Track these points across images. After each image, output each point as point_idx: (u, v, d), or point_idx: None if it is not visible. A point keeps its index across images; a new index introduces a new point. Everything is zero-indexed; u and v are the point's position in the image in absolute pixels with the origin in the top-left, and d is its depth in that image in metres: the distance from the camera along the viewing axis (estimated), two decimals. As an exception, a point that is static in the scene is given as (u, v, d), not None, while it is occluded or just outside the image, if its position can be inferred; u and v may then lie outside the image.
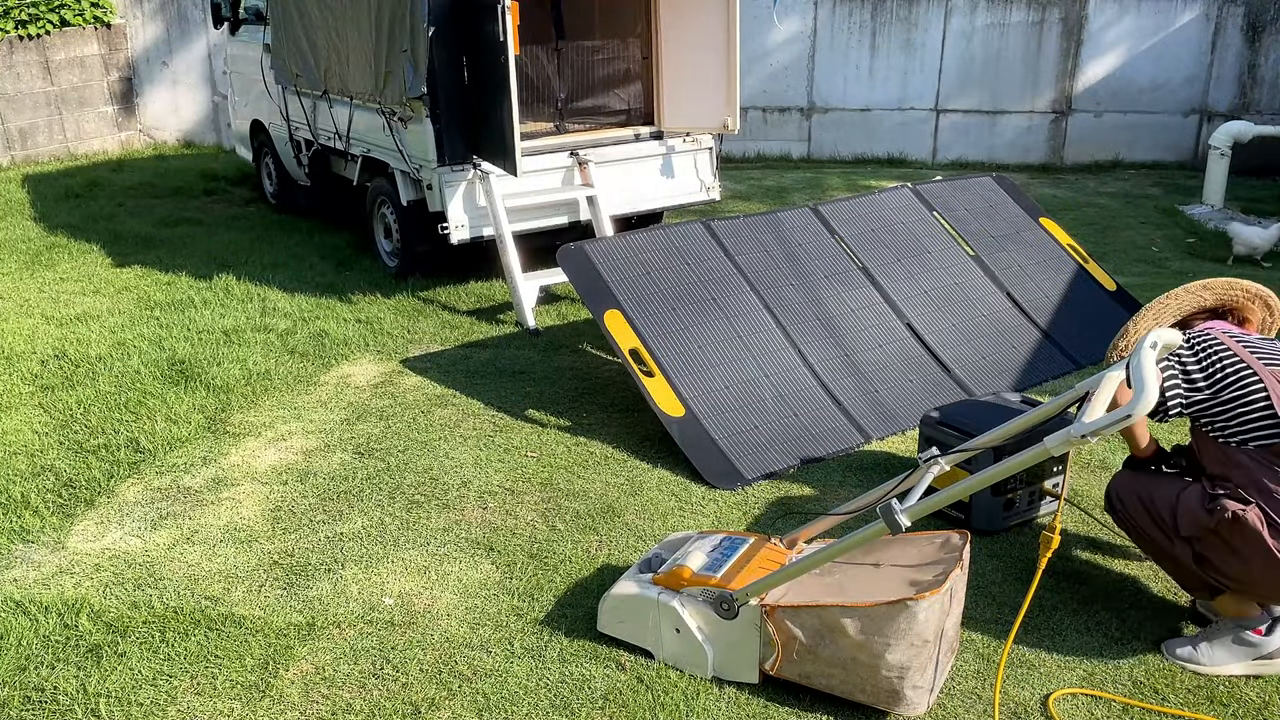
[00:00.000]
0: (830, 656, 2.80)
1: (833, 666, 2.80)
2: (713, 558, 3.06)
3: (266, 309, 6.38)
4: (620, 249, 5.05)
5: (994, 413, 3.92)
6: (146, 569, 3.62)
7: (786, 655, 2.86)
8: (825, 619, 2.77)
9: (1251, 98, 10.58)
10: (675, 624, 2.99)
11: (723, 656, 2.97)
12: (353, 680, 3.02)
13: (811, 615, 2.79)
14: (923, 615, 2.68)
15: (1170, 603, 3.36)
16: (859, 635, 2.73)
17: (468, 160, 6.26)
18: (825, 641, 2.79)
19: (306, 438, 4.67)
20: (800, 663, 2.85)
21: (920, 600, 2.67)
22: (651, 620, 3.05)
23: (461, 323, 6.22)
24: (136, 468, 4.38)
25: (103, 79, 12.10)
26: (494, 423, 4.79)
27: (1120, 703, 2.89)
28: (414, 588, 3.49)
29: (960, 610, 2.97)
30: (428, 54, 5.94)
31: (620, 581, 3.17)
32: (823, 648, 2.80)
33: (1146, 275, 6.95)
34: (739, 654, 2.94)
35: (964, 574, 2.93)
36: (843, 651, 2.77)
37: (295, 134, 8.24)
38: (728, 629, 2.92)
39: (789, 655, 2.86)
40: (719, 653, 2.97)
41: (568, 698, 2.94)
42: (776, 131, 11.69)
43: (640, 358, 4.59)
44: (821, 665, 2.82)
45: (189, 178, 10.59)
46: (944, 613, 2.76)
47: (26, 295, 6.77)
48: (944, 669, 2.90)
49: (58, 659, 3.12)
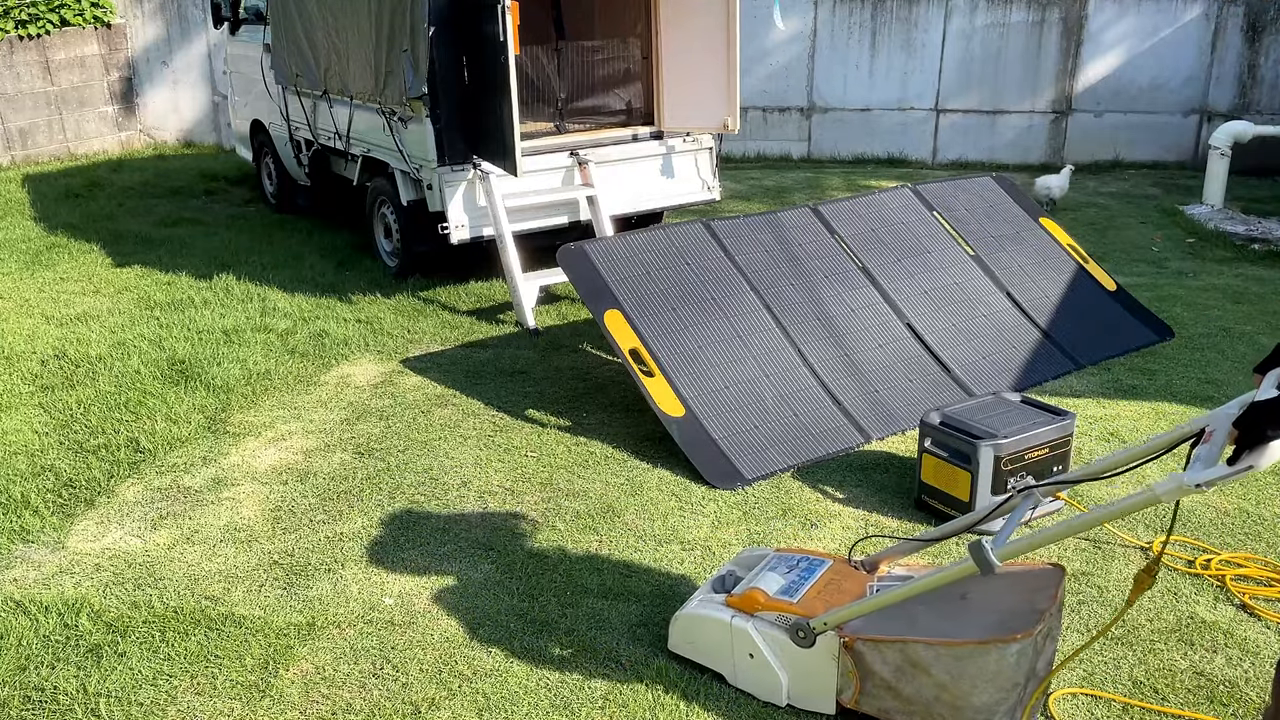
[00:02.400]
0: (911, 694, 2.66)
1: (914, 704, 2.66)
2: (789, 580, 2.95)
3: (266, 309, 6.38)
4: (620, 249, 5.05)
5: (995, 413, 3.92)
6: (146, 569, 3.62)
7: (865, 689, 2.74)
8: (909, 654, 2.63)
9: (1251, 97, 10.58)
10: (749, 649, 2.89)
11: (798, 685, 2.86)
12: (353, 680, 3.02)
13: (894, 650, 2.65)
14: (1014, 659, 2.53)
15: (1170, 603, 3.36)
16: (944, 675, 2.59)
17: (468, 160, 6.26)
18: (907, 678, 2.65)
19: (306, 438, 4.67)
20: (879, 698, 2.72)
21: (1012, 643, 2.51)
22: (725, 643, 2.95)
23: (461, 323, 6.22)
24: (136, 468, 4.38)
25: (103, 79, 12.10)
26: (494, 423, 4.79)
27: (1120, 702, 2.89)
28: (414, 588, 3.49)
29: (1055, 648, 2.79)
30: (428, 54, 5.94)
31: (692, 600, 3.08)
32: (904, 684, 2.66)
33: (1146, 275, 6.95)
34: (816, 683, 2.83)
35: (1060, 611, 2.74)
36: (925, 690, 2.63)
37: (295, 134, 8.24)
38: (804, 657, 2.81)
39: (867, 689, 2.73)
40: (794, 681, 2.86)
41: (568, 698, 2.94)
42: (776, 131, 11.69)
43: (640, 358, 4.59)
44: (902, 702, 2.68)
45: (189, 178, 10.59)
46: (1037, 653, 2.61)
47: (26, 295, 6.77)
48: (1035, 709, 2.74)
49: (58, 659, 3.12)
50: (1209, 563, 3.55)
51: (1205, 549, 3.65)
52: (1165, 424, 4.64)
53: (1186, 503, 3.96)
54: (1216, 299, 6.46)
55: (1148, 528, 3.81)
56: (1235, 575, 3.48)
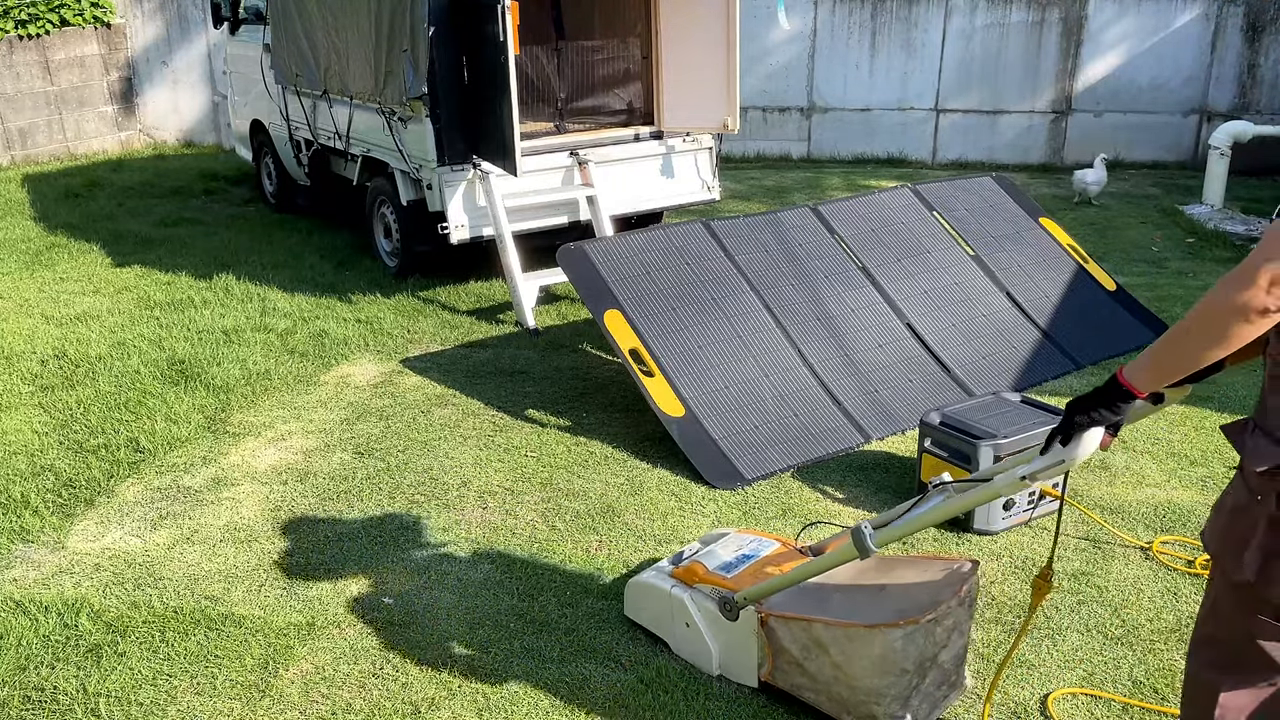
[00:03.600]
0: (815, 672, 2.76)
1: (818, 682, 2.77)
2: (733, 558, 3.07)
3: (266, 309, 6.38)
4: (620, 249, 5.05)
5: (994, 413, 3.92)
6: (146, 569, 3.62)
7: (777, 665, 2.86)
8: (812, 633, 2.73)
9: (1251, 97, 10.58)
10: (685, 619, 3.03)
11: (726, 656, 2.99)
12: (353, 680, 3.02)
13: (800, 628, 2.75)
14: (899, 644, 2.59)
15: (1170, 603, 3.36)
16: (839, 655, 2.68)
17: (468, 160, 6.26)
18: (812, 656, 2.74)
19: (306, 438, 4.67)
20: (790, 674, 2.84)
21: (896, 629, 2.59)
22: (667, 612, 3.10)
23: (461, 323, 6.22)
24: (136, 468, 4.38)
25: (103, 79, 12.09)
26: (494, 423, 4.79)
27: (1120, 702, 2.89)
28: (414, 588, 3.49)
29: (963, 643, 2.83)
30: (428, 54, 5.94)
31: (647, 570, 3.23)
32: (810, 662, 2.76)
33: (1146, 275, 6.95)
34: (740, 656, 2.95)
35: (966, 607, 2.77)
36: (825, 670, 2.73)
37: (295, 134, 8.23)
38: (731, 630, 2.93)
39: (780, 665, 2.85)
40: (723, 652, 2.99)
41: (568, 698, 2.94)
42: (776, 131, 11.69)
43: (640, 358, 4.59)
44: (809, 679, 2.79)
45: (189, 178, 10.59)
46: (934, 644, 2.67)
47: (26, 295, 6.77)
48: (936, 702, 2.79)
49: (58, 659, 3.11)
50: (1209, 563, 3.54)
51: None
52: (1164, 424, 4.64)
53: (1187, 503, 3.96)
54: (1216, 299, 6.45)
55: (1148, 528, 3.81)
56: (1235, 575, 3.48)
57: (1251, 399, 4.86)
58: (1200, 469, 4.25)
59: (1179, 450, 4.42)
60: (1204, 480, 4.17)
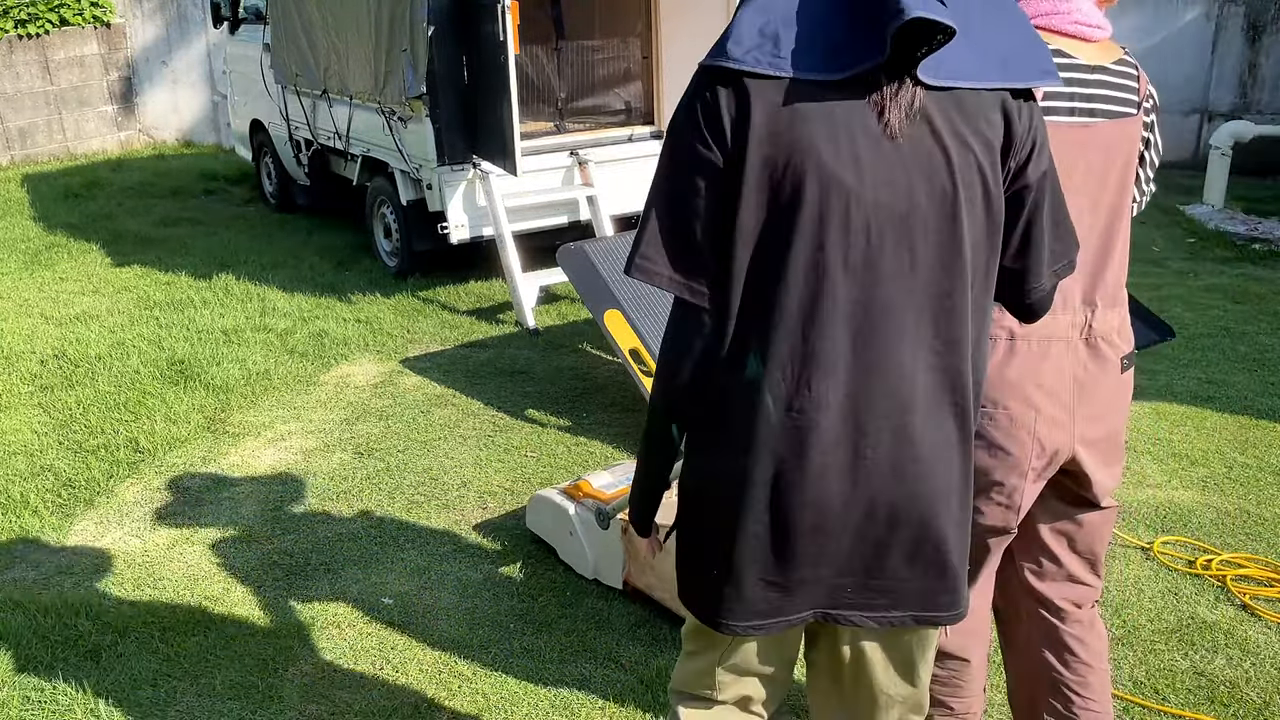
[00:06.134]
0: (664, 572, 3.06)
1: (665, 581, 3.07)
2: (617, 478, 3.47)
3: (266, 309, 6.38)
4: (620, 249, 5.04)
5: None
6: (146, 569, 3.62)
7: (635, 567, 3.25)
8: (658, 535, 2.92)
9: (1252, 98, 10.58)
10: (569, 528, 3.45)
11: (599, 562, 3.41)
12: (353, 680, 3.02)
13: None
14: None
15: (1171, 603, 3.36)
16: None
17: (467, 160, 6.26)
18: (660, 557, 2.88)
19: (306, 438, 4.66)
20: (644, 574, 3.22)
21: None
22: (556, 522, 3.53)
23: (461, 323, 6.22)
24: (136, 468, 4.38)
25: (102, 79, 12.09)
26: (494, 423, 4.79)
27: (1120, 700, 2.88)
28: (414, 588, 3.48)
29: None
30: (428, 53, 5.93)
31: (548, 487, 3.65)
32: (660, 562, 3.03)
33: (1147, 275, 6.94)
34: (610, 561, 3.35)
35: None
36: (668, 569, 2.81)
37: (295, 133, 8.23)
38: (604, 538, 3.31)
39: (638, 567, 3.24)
40: (597, 558, 3.40)
41: (568, 698, 2.93)
42: (776, 131, 11.68)
43: (640, 357, 4.58)
44: (657, 578, 3.15)
45: (188, 177, 10.59)
46: None
47: (26, 295, 6.77)
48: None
49: (57, 659, 3.11)
50: (1209, 563, 3.54)
51: (1206, 549, 3.65)
52: (1165, 423, 4.64)
53: (1188, 503, 3.96)
54: (1217, 299, 6.46)
55: (1149, 528, 3.81)
56: (1236, 575, 3.48)
57: (1252, 398, 4.86)
58: (1201, 469, 4.25)
59: (1179, 450, 4.41)
60: (1204, 480, 4.16)
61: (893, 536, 1.61)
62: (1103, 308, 2.02)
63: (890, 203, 1.50)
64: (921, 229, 1.52)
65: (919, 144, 1.49)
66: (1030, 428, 1.97)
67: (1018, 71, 1.52)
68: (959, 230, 1.53)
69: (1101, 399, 2.04)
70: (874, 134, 1.48)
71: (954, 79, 1.48)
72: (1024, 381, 1.96)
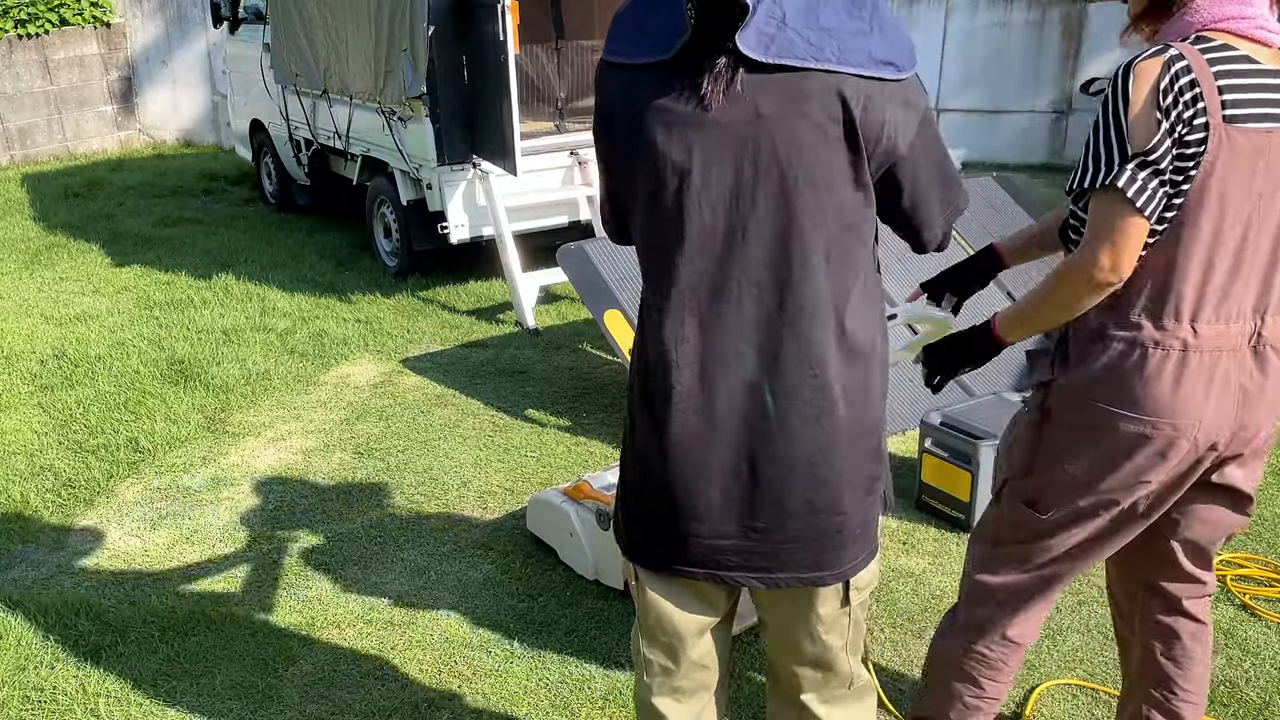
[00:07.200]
0: None
1: None
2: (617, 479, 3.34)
3: (266, 309, 6.38)
4: (620, 249, 5.04)
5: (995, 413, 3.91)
6: (146, 569, 3.62)
7: None
8: None
9: (1251, 97, 10.57)
10: (569, 529, 3.44)
11: (600, 564, 3.39)
12: (353, 680, 3.02)
13: None
14: None
15: (1171, 603, 3.36)
16: None
17: (467, 160, 6.26)
18: None
19: (306, 438, 4.66)
20: None
21: None
22: (556, 523, 3.53)
23: (461, 323, 6.22)
24: (136, 468, 4.38)
25: (102, 78, 12.10)
26: (494, 423, 4.79)
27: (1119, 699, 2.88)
28: (414, 588, 3.49)
29: None
30: (427, 53, 5.93)
31: (548, 489, 3.65)
32: None
33: None
34: (610, 563, 3.31)
35: None
36: None
37: (295, 133, 8.23)
38: (604, 540, 3.27)
39: None
40: (598, 560, 3.39)
41: (568, 698, 2.93)
42: (776, 131, 11.69)
43: (640, 357, 4.58)
44: None
45: (188, 177, 10.59)
46: None
47: (26, 295, 6.77)
48: None
49: (57, 659, 3.11)
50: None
51: (1206, 549, 3.64)
52: (1165, 424, 4.63)
53: (1187, 503, 3.96)
54: None
55: (1148, 528, 3.80)
56: (1235, 575, 3.47)
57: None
58: (1201, 469, 4.24)
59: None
60: (1204, 480, 4.16)
61: (757, 496, 1.71)
62: (1273, 314, 2.02)
63: (719, 179, 1.59)
64: (749, 202, 1.59)
65: (745, 120, 1.56)
66: (1191, 437, 2.00)
67: (854, 58, 1.57)
68: (790, 203, 1.59)
69: (1263, 405, 2.04)
70: (700, 111, 1.57)
71: (782, 57, 1.53)
72: (1193, 398, 1.97)
